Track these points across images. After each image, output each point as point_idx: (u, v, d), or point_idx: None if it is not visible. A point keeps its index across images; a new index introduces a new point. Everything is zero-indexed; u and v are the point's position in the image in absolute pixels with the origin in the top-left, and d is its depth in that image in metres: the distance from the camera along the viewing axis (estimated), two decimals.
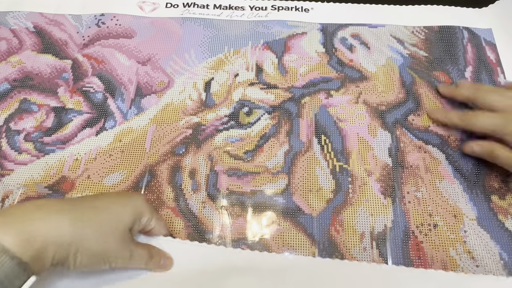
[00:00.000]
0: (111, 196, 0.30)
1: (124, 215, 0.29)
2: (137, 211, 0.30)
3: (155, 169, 0.38)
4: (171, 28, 0.46)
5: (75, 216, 0.26)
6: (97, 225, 0.27)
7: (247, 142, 0.39)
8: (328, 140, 0.39)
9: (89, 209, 0.27)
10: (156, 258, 0.32)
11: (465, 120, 0.37)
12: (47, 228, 0.25)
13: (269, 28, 0.46)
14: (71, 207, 0.27)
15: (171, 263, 0.33)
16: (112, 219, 0.28)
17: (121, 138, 0.40)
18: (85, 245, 0.26)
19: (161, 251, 0.33)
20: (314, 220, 0.35)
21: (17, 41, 0.45)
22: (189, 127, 0.40)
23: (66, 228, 0.25)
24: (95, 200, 0.29)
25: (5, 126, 0.40)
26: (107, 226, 0.27)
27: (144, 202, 0.31)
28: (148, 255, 0.31)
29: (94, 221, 0.27)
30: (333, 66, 0.44)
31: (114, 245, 0.28)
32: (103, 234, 0.27)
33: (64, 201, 0.28)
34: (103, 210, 0.28)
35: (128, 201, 0.30)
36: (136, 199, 0.31)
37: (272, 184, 0.37)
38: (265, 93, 0.42)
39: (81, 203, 0.28)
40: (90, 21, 0.47)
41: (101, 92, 0.42)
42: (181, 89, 0.42)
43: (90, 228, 0.26)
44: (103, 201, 0.29)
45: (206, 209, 0.36)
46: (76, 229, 0.26)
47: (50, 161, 0.38)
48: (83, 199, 0.29)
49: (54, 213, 0.26)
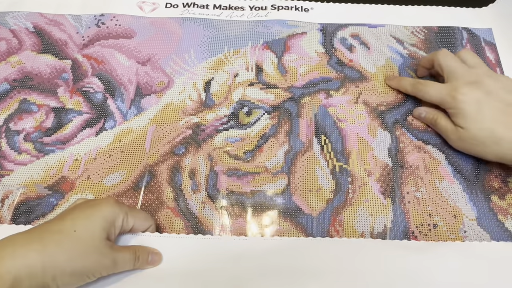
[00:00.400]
0: (74, 213, 0.30)
1: (93, 228, 0.29)
2: (107, 218, 0.30)
3: (155, 169, 0.38)
4: (171, 28, 0.46)
5: (42, 245, 0.27)
6: (67, 248, 0.27)
7: (247, 142, 0.39)
8: (328, 140, 0.39)
9: (55, 233, 0.28)
10: (143, 256, 0.32)
11: (416, 88, 0.39)
12: (15, 263, 0.25)
13: (269, 28, 0.46)
14: (38, 236, 0.27)
15: (160, 258, 0.33)
16: (81, 237, 0.28)
17: (121, 138, 0.40)
18: (61, 269, 0.27)
19: (146, 248, 0.33)
20: (314, 220, 0.35)
21: (17, 41, 0.45)
22: (189, 127, 0.40)
23: (34, 259, 0.26)
24: (60, 222, 0.29)
25: (5, 126, 0.40)
26: (79, 245, 0.28)
27: (112, 206, 0.31)
28: (133, 256, 0.31)
29: (63, 244, 0.27)
30: (333, 66, 0.44)
31: (93, 259, 0.28)
32: (77, 254, 0.27)
33: (31, 232, 0.28)
34: (70, 231, 0.28)
35: (93, 212, 0.30)
36: (102, 206, 0.30)
37: (272, 184, 0.37)
38: (265, 93, 0.42)
39: (47, 229, 0.28)
40: (90, 21, 0.47)
41: (101, 93, 0.42)
42: (181, 89, 0.42)
43: (61, 252, 0.27)
44: (68, 221, 0.29)
45: (206, 209, 0.36)
46: (45, 256, 0.26)
47: (50, 161, 0.38)
48: (49, 224, 0.29)
49: (20, 247, 0.26)
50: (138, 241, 0.33)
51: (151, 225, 0.34)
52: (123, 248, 0.31)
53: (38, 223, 0.35)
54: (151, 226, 0.34)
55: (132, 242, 0.33)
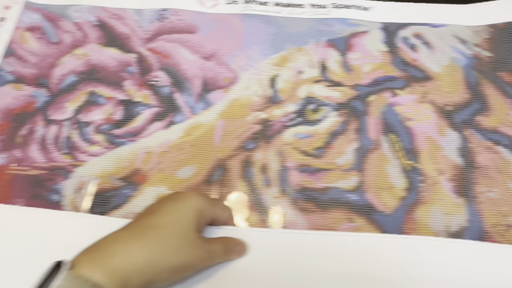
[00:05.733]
0: (165, 206, 0.30)
1: (187, 221, 0.29)
2: (196, 209, 0.30)
3: (227, 163, 0.38)
4: (233, 24, 0.47)
5: (145, 241, 0.27)
6: (167, 243, 0.28)
7: (316, 139, 0.40)
8: (397, 139, 0.39)
9: (153, 228, 0.28)
10: (232, 247, 0.32)
11: None
12: (124, 260, 0.26)
13: (330, 26, 0.46)
14: (138, 232, 0.28)
15: (245, 248, 0.33)
16: (178, 231, 0.28)
17: (190, 132, 0.40)
18: (163, 264, 0.27)
19: (233, 239, 0.33)
20: (388, 218, 0.36)
21: (81, 34, 0.46)
22: (257, 122, 0.40)
23: (140, 256, 0.27)
24: (154, 217, 0.29)
25: (75, 118, 0.41)
26: (176, 239, 0.28)
27: (199, 198, 0.31)
28: (224, 248, 0.32)
29: (162, 241, 0.28)
30: (397, 65, 0.44)
31: (191, 252, 0.29)
32: (176, 248, 0.28)
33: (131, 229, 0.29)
34: (166, 226, 0.28)
35: (183, 205, 0.30)
36: (189, 198, 0.31)
37: (344, 181, 0.37)
38: (330, 90, 0.42)
39: (144, 224, 0.29)
40: (152, 16, 0.47)
41: (167, 86, 0.42)
42: (246, 84, 0.43)
43: (162, 247, 0.28)
44: (162, 215, 0.29)
45: (280, 204, 0.36)
46: (148, 253, 0.27)
47: (122, 153, 0.39)
48: (144, 220, 0.29)
49: (128, 244, 0.27)
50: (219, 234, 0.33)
51: (231, 215, 0.34)
52: (213, 240, 0.31)
53: (114, 214, 0.36)
54: (231, 217, 0.34)
55: (214, 235, 0.33)
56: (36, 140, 0.40)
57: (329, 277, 0.32)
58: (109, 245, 0.27)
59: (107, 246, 0.27)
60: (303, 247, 0.33)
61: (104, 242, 0.28)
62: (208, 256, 0.30)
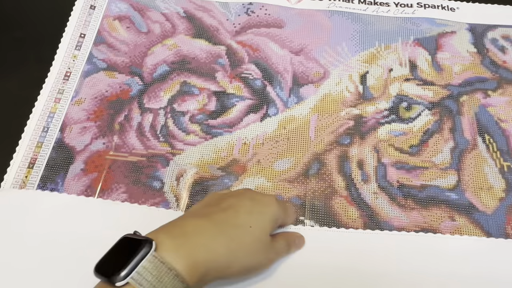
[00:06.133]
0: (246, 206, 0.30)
1: (265, 225, 0.30)
2: (274, 216, 0.31)
3: (323, 157, 0.39)
4: (320, 20, 0.47)
5: (227, 241, 0.27)
6: (246, 246, 0.28)
7: (411, 137, 0.40)
8: (492, 140, 0.39)
9: (235, 228, 0.28)
10: (293, 241, 0.33)
11: None
12: (209, 256, 0.26)
13: (418, 25, 0.46)
14: (221, 229, 0.28)
15: (303, 240, 0.34)
16: (256, 233, 0.29)
17: (285, 125, 0.40)
18: (238, 264, 0.28)
19: (292, 233, 0.34)
20: (489, 218, 0.36)
21: (170, 25, 0.46)
22: (351, 118, 0.41)
23: (222, 254, 0.27)
24: (236, 216, 0.29)
25: (169, 107, 0.41)
26: (254, 242, 0.29)
27: (277, 206, 0.31)
28: (287, 243, 0.32)
29: (242, 242, 0.28)
30: (487, 67, 0.44)
31: (263, 254, 0.30)
32: (253, 250, 0.28)
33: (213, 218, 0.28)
34: (246, 227, 0.29)
35: (264, 209, 0.30)
36: (270, 203, 0.31)
37: (442, 179, 0.38)
38: (422, 89, 0.42)
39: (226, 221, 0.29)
40: (239, 9, 0.48)
41: (259, 80, 0.43)
42: (337, 80, 0.43)
43: (240, 250, 0.28)
44: (243, 215, 0.29)
45: (379, 200, 0.37)
46: (229, 252, 0.27)
47: (219, 143, 0.39)
48: (225, 216, 0.29)
49: (212, 239, 0.27)
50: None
51: (296, 218, 0.35)
52: (277, 237, 0.32)
53: None
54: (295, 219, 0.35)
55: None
56: (133, 127, 0.40)
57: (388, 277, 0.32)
58: (193, 235, 0.27)
59: (191, 234, 0.27)
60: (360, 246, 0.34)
61: (186, 227, 0.27)
62: (275, 255, 0.31)
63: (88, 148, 0.39)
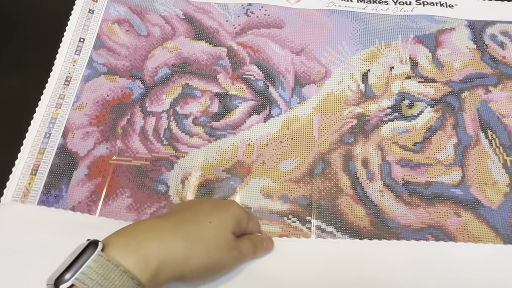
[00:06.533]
0: (205, 206, 0.30)
1: (226, 221, 0.29)
2: (236, 216, 0.31)
3: (328, 157, 0.39)
4: (320, 19, 0.47)
5: (184, 234, 0.27)
6: (205, 240, 0.27)
7: (414, 134, 0.40)
8: (495, 135, 0.40)
9: (193, 223, 0.28)
10: (260, 243, 0.32)
11: None
12: (162, 249, 0.25)
13: (417, 23, 0.47)
14: (178, 224, 0.27)
15: (272, 243, 0.33)
16: (216, 228, 0.28)
17: (288, 125, 0.40)
18: (197, 260, 0.27)
19: (259, 236, 0.34)
20: (495, 213, 0.36)
21: (170, 28, 0.46)
22: (354, 117, 0.41)
23: (178, 247, 0.26)
24: (194, 213, 0.29)
25: (172, 109, 0.41)
26: (214, 237, 0.28)
27: (240, 208, 0.32)
28: (252, 245, 0.32)
29: (202, 237, 0.27)
30: (487, 62, 0.44)
31: (225, 251, 0.29)
32: (213, 245, 0.28)
33: (169, 219, 0.28)
34: (206, 223, 0.28)
35: (224, 208, 0.30)
36: (231, 205, 0.31)
37: (447, 176, 0.38)
38: (423, 86, 0.42)
39: (184, 218, 0.28)
40: (238, 10, 0.47)
41: (261, 80, 0.43)
42: (339, 79, 0.43)
43: (199, 244, 0.27)
44: (202, 213, 0.29)
45: (385, 198, 0.37)
46: (186, 246, 0.26)
47: (223, 145, 0.39)
48: (183, 214, 0.29)
49: (166, 234, 0.26)
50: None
51: (260, 230, 0.35)
52: (242, 238, 0.31)
53: None
54: (260, 231, 0.35)
55: None
56: (136, 131, 0.40)
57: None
58: (145, 231, 0.26)
59: (143, 231, 0.26)
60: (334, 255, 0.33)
61: (139, 227, 0.26)
62: (239, 254, 0.30)
63: (91, 153, 0.39)
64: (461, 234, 0.35)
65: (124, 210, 0.36)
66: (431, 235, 0.35)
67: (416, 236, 0.35)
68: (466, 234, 0.35)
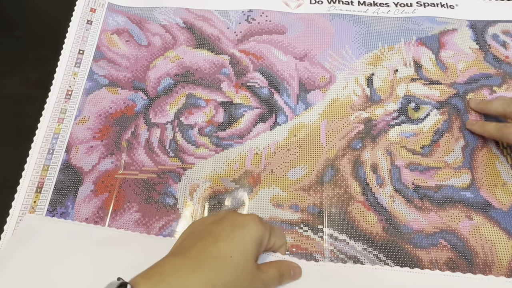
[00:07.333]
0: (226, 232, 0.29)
1: (247, 252, 0.29)
2: (257, 239, 0.30)
3: (336, 163, 0.38)
4: (321, 24, 0.47)
5: (205, 275, 0.26)
6: (226, 276, 0.27)
7: (422, 137, 0.40)
8: None
9: (214, 259, 0.27)
10: (287, 272, 0.32)
11: (502, 132, 0.37)
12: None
13: (419, 25, 0.46)
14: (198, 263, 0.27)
15: (300, 271, 0.32)
16: (237, 263, 0.28)
17: (295, 133, 0.40)
18: None
19: (287, 262, 0.33)
20: (506, 215, 0.36)
21: (171, 37, 0.46)
22: (360, 122, 0.41)
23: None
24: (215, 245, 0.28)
25: (177, 120, 0.41)
26: (236, 273, 0.27)
27: (259, 226, 0.30)
28: (279, 273, 0.31)
29: (222, 275, 0.27)
30: (490, 63, 0.44)
31: (247, 285, 0.28)
32: (234, 282, 0.27)
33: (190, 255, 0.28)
34: (227, 257, 0.28)
35: (244, 233, 0.29)
36: (251, 225, 0.30)
37: (456, 179, 0.38)
38: (429, 89, 0.42)
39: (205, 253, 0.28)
40: (239, 17, 0.47)
41: (266, 88, 0.42)
42: (344, 84, 0.43)
43: (221, 281, 0.27)
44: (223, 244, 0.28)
45: (396, 203, 0.37)
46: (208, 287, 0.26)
47: (231, 155, 0.39)
48: (205, 247, 0.28)
49: (184, 276, 0.26)
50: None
51: (285, 242, 0.34)
52: (268, 266, 0.31)
53: None
54: (285, 244, 0.34)
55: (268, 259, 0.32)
56: (141, 143, 0.39)
57: None
58: (170, 273, 0.26)
59: (168, 274, 0.26)
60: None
61: (164, 268, 0.27)
62: (262, 286, 0.29)
63: (96, 168, 0.38)
64: (474, 238, 0.35)
65: (132, 225, 0.36)
66: (444, 239, 0.35)
67: (429, 241, 0.35)
68: (478, 237, 0.35)
